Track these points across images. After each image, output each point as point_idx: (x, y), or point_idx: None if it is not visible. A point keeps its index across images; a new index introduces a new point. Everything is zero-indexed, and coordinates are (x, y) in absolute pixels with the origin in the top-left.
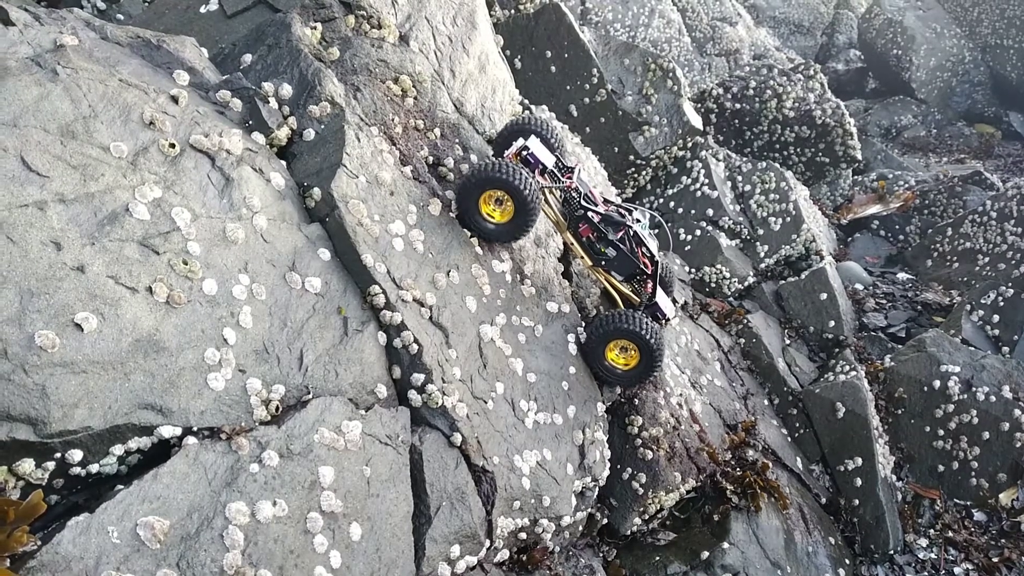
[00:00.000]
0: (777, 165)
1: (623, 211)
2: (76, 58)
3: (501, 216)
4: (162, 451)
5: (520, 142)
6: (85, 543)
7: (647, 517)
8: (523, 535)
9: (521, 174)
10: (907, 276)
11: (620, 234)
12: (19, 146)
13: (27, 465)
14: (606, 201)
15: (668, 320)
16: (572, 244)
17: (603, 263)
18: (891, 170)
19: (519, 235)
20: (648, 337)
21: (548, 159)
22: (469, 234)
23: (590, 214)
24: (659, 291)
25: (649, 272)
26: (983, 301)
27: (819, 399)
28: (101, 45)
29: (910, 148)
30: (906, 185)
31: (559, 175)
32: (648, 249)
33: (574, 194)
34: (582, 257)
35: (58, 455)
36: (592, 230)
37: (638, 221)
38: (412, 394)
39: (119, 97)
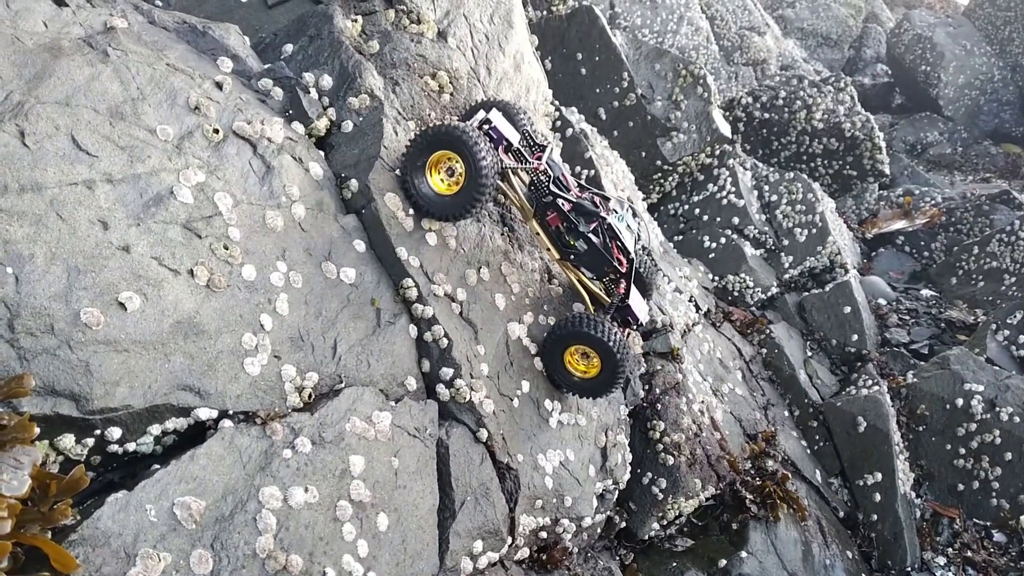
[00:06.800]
0: (804, 176)
1: (598, 200)
2: (126, 40)
3: (447, 188)
4: (197, 432)
5: (481, 114)
6: (124, 519)
7: (665, 522)
8: (544, 534)
9: (479, 137)
10: (931, 293)
11: (593, 226)
12: (70, 125)
13: (68, 440)
14: (580, 187)
15: (641, 324)
16: (538, 234)
17: (572, 257)
18: (917, 186)
19: (464, 212)
20: (611, 344)
21: (513, 135)
22: (500, 232)
23: (560, 202)
24: (634, 292)
25: (623, 271)
26: (1009, 321)
27: (840, 412)
28: (149, 29)
29: (935, 165)
30: (932, 202)
31: (525, 155)
32: (623, 244)
33: (542, 177)
34: (548, 249)
35: (98, 432)
36: (562, 220)
37: (614, 212)
38: (440, 388)
39: (166, 81)
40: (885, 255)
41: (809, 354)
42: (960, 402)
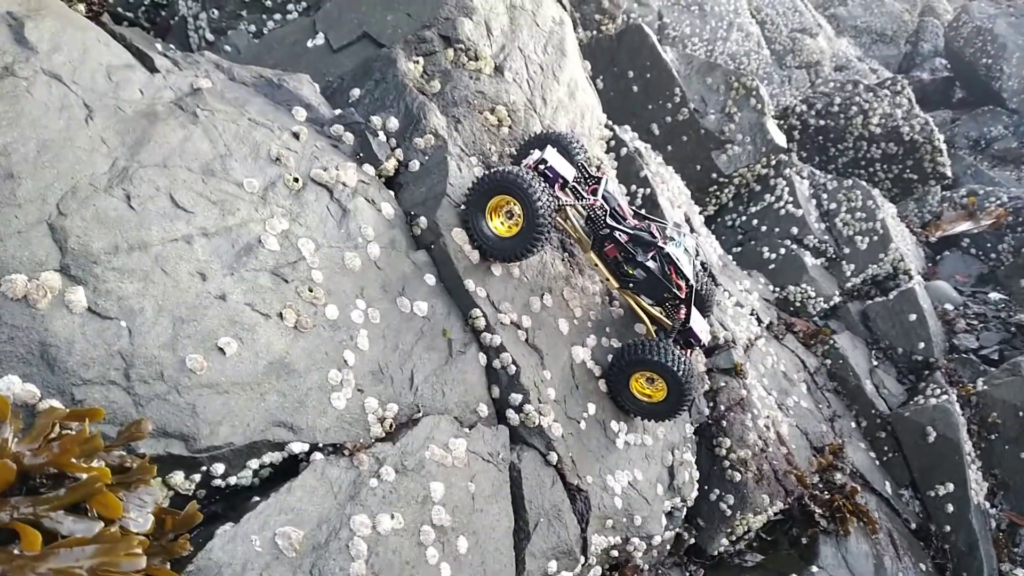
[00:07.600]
0: (863, 182)
1: (654, 230)
2: (211, 100)
3: (507, 230)
4: (290, 464)
5: (536, 154)
6: (233, 550)
7: (734, 538)
8: (615, 553)
9: (533, 179)
10: (1000, 296)
11: (651, 254)
12: (168, 185)
13: (178, 477)
14: (636, 215)
15: (703, 345)
16: (597, 265)
17: (631, 285)
18: (981, 185)
19: (526, 252)
20: (676, 369)
21: (568, 172)
22: (560, 258)
23: (617, 234)
24: (695, 314)
25: (683, 296)
26: None
27: (909, 422)
28: (230, 86)
29: (1000, 161)
30: (998, 201)
31: (581, 191)
32: (681, 270)
33: (599, 212)
34: (607, 279)
35: (204, 468)
36: (619, 250)
37: (671, 239)
38: (510, 413)
39: (249, 136)
40: (950, 258)
41: (875, 363)
42: None
